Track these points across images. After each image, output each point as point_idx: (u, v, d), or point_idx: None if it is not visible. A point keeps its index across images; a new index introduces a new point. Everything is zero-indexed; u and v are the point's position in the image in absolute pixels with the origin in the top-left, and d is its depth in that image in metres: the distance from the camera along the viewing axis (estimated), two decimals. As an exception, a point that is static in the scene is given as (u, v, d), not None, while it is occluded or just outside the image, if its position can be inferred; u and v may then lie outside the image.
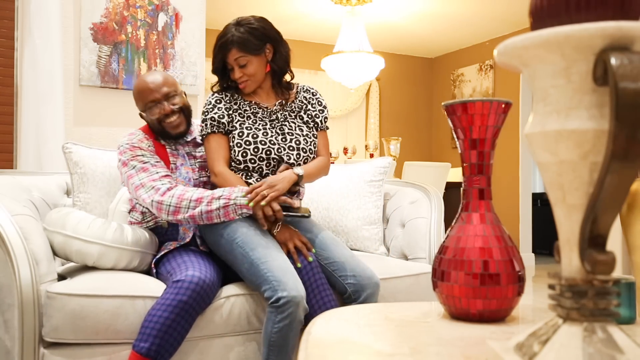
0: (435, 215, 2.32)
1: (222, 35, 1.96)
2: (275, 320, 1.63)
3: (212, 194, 1.81)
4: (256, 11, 6.85)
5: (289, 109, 2.05)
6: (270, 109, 2.02)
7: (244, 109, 1.99)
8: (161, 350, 1.57)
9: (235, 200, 1.78)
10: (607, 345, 0.66)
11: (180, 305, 1.59)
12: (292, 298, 1.61)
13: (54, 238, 1.81)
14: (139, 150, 1.94)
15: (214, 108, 1.97)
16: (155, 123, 1.98)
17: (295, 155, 1.96)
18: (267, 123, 1.98)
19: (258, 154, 1.92)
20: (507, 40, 0.70)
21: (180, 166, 2.00)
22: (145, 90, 1.96)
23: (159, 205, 1.82)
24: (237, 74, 1.95)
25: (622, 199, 0.65)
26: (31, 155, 2.99)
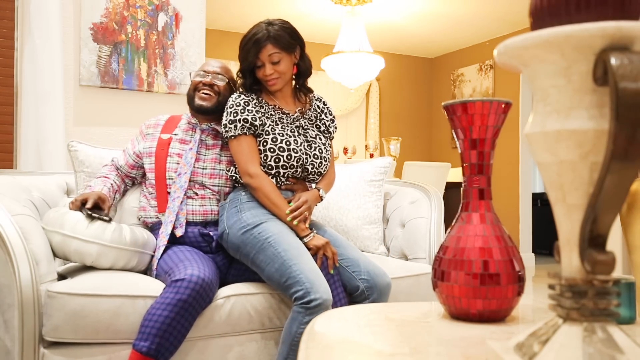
0: (435, 215, 2.32)
1: (255, 33, 1.93)
2: (302, 321, 1.62)
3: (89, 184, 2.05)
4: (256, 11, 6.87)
5: (307, 117, 2.08)
6: (292, 116, 2.03)
7: (270, 113, 1.98)
8: (161, 349, 1.57)
9: None
10: (607, 345, 0.66)
11: (180, 304, 1.59)
12: (323, 302, 1.62)
13: (52, 237, 1.81)
14: (138, 134, 2.19)
15: (244, 110, 1.94)
16: (190, 91, 2.13)
17: (318, 164, 2.01)
18: (293, 130, 1.99)
19: (290, 161, 1.93)
20: (507, 40, 0.70)
21: (187, 150, 2.05)
22: (205, 64, 2.18)
23: None
24: (269, 70, 1.93)
25: (622, 199, 0.65)
26: (31, 155, 2.99)
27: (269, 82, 1.96)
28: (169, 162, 2.04)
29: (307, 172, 1.99)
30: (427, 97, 7.71)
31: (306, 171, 1.99)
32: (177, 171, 2.02)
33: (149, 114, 3.31)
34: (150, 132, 2.14)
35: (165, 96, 3.40)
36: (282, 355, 1.67)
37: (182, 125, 2.14)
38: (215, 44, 6.27)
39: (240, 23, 6.32)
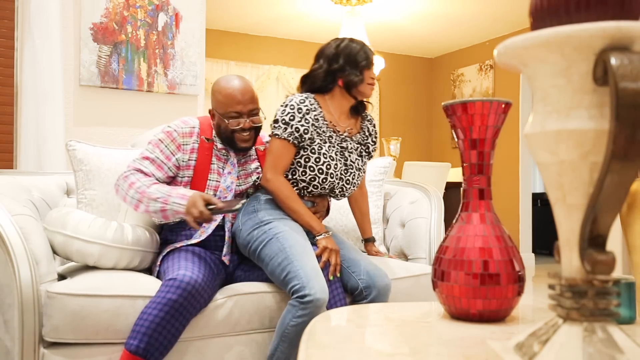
0: (435, 215, 2.32)
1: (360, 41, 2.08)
2: (294, 314, 1.67)
3: (150, 194, 1.82)
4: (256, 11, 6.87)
5: (354, 139, 2.11)
6: (341, 135, 2.06)
7: (323, 129, 2.00)
8: (151, 348, 1.56)
9: (171, 206, 1.80)
10: (607, 345, 0.66)
11: (170, 303, 1.59)
12: (316, 300, 1.66)
13: (54, 238, 1.81)
14: (168, 141, 1.94)
15: (302, 119, 1.95)
16: (227, 132, 1.95)
17: (347, 189, 2.07)
18: (337, 152, 2.03)
19: (323, 184, 1.99)
20: (507, 40, 0.70)
21: (227, 174, 1.98)
22: (233, 99, 1.94)
23: (116, 184, 1.91)
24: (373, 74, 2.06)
25: (622, 199, 0.65)
26: (31, 155, 2.99)
27: (371, 85, 2.04)
28: (209, 180, 1.97)
29: (334, 194, 2.06)
30: (427, 97, 7.71)
31: (333, 193, 2.06)
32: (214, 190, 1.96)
33: (149, 114, 3.32)
34: (185, 143, 1.97)
35: (165, 96, 3.40)
36: (273, 345, 1.72)
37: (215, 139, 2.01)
38: (215, 44, 6.27)
39: (240, 23, 6.32)
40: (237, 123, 1.93)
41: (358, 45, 2.04)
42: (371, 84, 2.03)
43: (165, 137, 1.95)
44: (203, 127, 2.01)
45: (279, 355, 1.71)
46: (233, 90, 1.94)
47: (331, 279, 1.81)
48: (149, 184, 1.86)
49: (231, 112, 1.93)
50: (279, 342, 1.70)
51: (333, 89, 2.04)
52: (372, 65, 2.04)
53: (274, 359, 1.72)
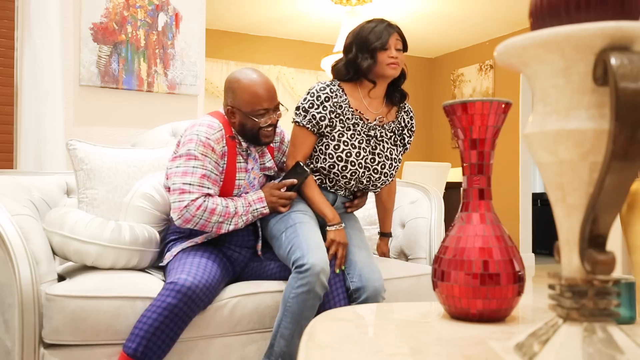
0: (435, 215, 2.32)
1: (384, 20, 2.02)
2: (294, 286, 1.72)
3: (235, 211, 1.86)
4: (256, 11, 6.86)
5: (387, 128, 2.09)
6: (370, 124, 2.04)
7: (347, 117, 1.99)
8: (148, 352, 1.56)
9: (254, 213, 1.90)
10: (607, 345, 0.66)
11: (169, 307, 1.59)
12: (313, 266, 1.70)
13: (52, 238, 1.81)
14: (210, 153, 1.85)
15: (320, 105, 1.96)
16: (254, 130, 1.91)
17: (376, 179, 2.05)
18: (363, 140, 2.01)
19: (344, 172, 1.98)
20: (507, 40, 0.70)
21: (250, 170, 1.98)
22: (261, 97, 1.89)
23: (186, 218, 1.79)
24: (395, 52, 1.98)
25: (622, 199, 0.65)
26: (31, 155, 2.99)
27: (391, 65, 1.98)
28: (237, 179, 1.94)
29: (361, 183, 2.04)
30: (427, 97, 7.71)
31: (360, 183, 2.04)
32: (240, 188, 1.95)
33: (149, 114, 3.32)
34: (221, 149, 1.89)
35: (165, 96, 3.40)
36: (277, 320, 1.76)
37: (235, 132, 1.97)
38: (215, 44, 6.27)
39: (240, 23, 6.32)
40: (266, 120, 1.90)
41: (371, 25, 2.00)
42: (390, 64, 1.97)
43: (206, 150, 1.85)
44: (226, 128, 1.94)
45: (282, 330, 1.73)
46: (258, 88, 1.89)
47: (337, 272, 1.83)
48: (225, 203, 1.85)
49: (259, 110, 1.89)
50: (282, 317, 1.74)
51: (359, 78, 2.03)
52: (387, 44, 1.97)
53: (278, 335, 1.74)
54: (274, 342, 1.75)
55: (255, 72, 1.94)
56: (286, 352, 1.73)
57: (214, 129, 1.89)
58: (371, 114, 2.06)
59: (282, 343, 1.73)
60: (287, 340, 1.73)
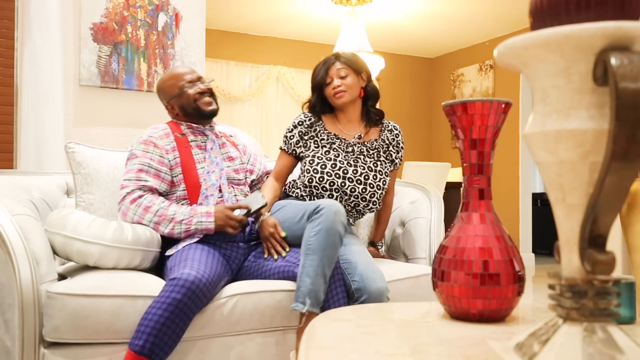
0: (435, 215, 2.32)
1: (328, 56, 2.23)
2: (312, 227, 1.79)
3: (173, 215, 1.90)
4: (256, 11, 6.85)
5: (368, 146, 2.20)
6: (348, 141, 2.18)
7: (322, 137, 2.18)
8: (155, 348, 1.56)
9: (196, 225, 1.90)
10: (607, 345, 0.66)
11: (174, 303, 1.59)
12: (327, 206, 1.80)
13: (54, 239, 1.81)
14: (152, 148, 2.00)
15: (293, 129, 2.21)
16: (190, 102, 2.09)
17: (361, 189, 2.12)
18: (340, 154, 2.15)
19: (322, 183, 2.09)
20: (507, 40, 0.70)
21: (209, 150, 2.08)
22: (178, 75, 2.13)
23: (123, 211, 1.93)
24: (336, 82, 2.14)
25: (622, 199, 0.65)
26: (31, 155, 2.99)
27: (336, 95, 2.14)
28: (199, 169, 2.03)
29: (347, 196, 2.11)
30: (427, 97, 7.71)
31: (346, 195, 2.11)
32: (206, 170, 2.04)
33: (149, 114, 3.32)
34: (166, 144, 2.03)
35: (165, 96, 3.40)
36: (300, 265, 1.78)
37: (186, 131, 2.11)
38: (215, 44, 6.27)
39: (240, 23, 6.32)
40: (194, 90, 2.09)
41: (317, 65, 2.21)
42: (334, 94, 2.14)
43: (148, 147, 2.01)
44: (173, 127, 2.11)
45: (306, 269, 1.75)
46: (171, 72, 2.15)
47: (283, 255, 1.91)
48: (166, 205, 1.92)
49: (185, 84, 2.10)
50: (305, 258, 1.77)
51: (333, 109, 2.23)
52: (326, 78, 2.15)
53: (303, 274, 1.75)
54: (300, 284, 1.74)
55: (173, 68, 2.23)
56: (312, 289, 1.73)
57: (157, 129, 2.08)
58: (348, 135, 2.21)
59: (307, 282, 1.73)
60: (312, 277, 1.73)
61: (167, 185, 2.00)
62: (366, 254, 2.01)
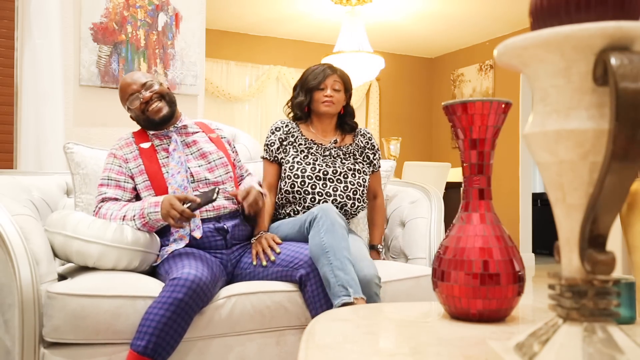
0: (435, 215, 2.32)
1: (325, 64, 2.31)
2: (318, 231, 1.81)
3: (125, 214, 1.89)
4: (256, 11, 6.84)
5: (344, 150, 2.29)
6: (325, 146, 2.26)
7: (299, 143, 2.25)
8: (158, 348, 1.56)
9: (148, 217, 1.86)
10: (607, 345, 0.66)
11: (176, 302, 1.59)
12: (320, 209, 1.87)
13: (54, 239, 1.81)
14: (112, 159, 2.03)
15: (271, 136, 2.26)
16: (139, 114, 2.05)
17: (343, 188, 2.19)
18: (318, 158, 2.22)
19: (304, 187, 2.16)
20: (507, 40, 0.70)
21: (172, 151, 2.03)
22: (124, 86, 2.06)
23: None
24: (330, 92, 2.24)
25: (622, 199, 0.65)
26: (31, 155, 2.99)
27: (325, 103, 2.23)
28: (166, 174, 2.00)
29: (331, 196, 2.17)
30: (427, 97, 7.71)
31: (330, 196, 2.17)
32: (170, 173, 2.00)
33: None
34: (127, 153, 2.04)
35: (165, 96, 3.40)
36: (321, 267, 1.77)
37: (152, 139, 2.08)
38: (215, 44, 6.27)
39: (240, 23, 6.32)
40: (138, 101, 2.03)
41: (313, 68, 2.30)
42: (325, 102, 2.23)
43: (109, 159, 2.04)
44: (137, 136, 2.09)
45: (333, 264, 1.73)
46: (122, 81, 2.09)
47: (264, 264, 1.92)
48: (120, 207, 1.92)
49: (129, 97, 2.05)
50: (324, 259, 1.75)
51: (304, 115, 2.30)
52: (322, 84, 2.23)
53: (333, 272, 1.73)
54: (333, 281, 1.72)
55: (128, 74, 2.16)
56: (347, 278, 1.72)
57: (122, 139, 2.09)
58: (324, 140, 2.29)
59: (340, 275, 1.73)
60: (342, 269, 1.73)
61: (129, 194, 2.00)
62: (357, 246, 2.02)
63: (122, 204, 1.94)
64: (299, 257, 1.87)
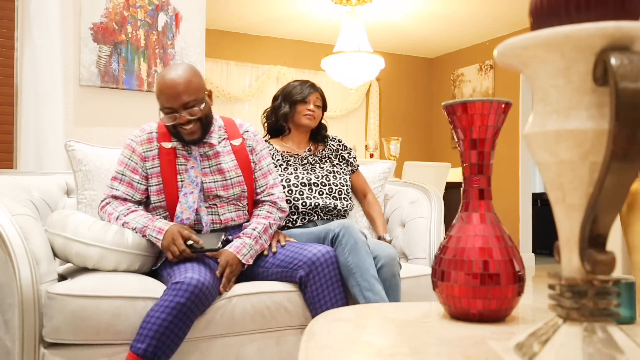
0: (435, 215, 2.32)
1: (306, 80, 2.46)
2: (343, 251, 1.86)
3: (127, 221, 1.87)
4: (256, 11, 6.84)
5: (319, 156, 2.41)
6: (301, 155, 2.38)
7: (277, 158, 2.34)
8: (158, 351, 1.56)
9: (149, 237, 1.84)
10: (607, 345, 0.66)
11: (178, 307, 1.59)
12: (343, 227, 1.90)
13: (54, 240, 1.80)
14: (130, 154, 1.95)
15: None
16: (170, 127, 1.91)
17: (327, 190, 2.30)
18: (298, 167, 2.34)
19: (292, 195, 2.24)
20: (507, 40, 0.70)
21: (190, 169, 1.94)
22: (163, 94, 1.85)
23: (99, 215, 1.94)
24: (313, 107, 2.38)
25: (622, 199, 0.65)
26: (31, 155, 2.99)
27: (308, 116, 2.37)
28: (179, 181, 1.93)
29: (321, 198, 2.25)
30: (427, 97, 7.71)
31: (319, 198, 2.25)
32: (183, 191, 1.92)
33: (149, 113, 3.31)
34: (147, 150, 1.95)
35: (165, 96, 3.40)
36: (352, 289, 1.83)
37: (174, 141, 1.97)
38: (215, 44, 6.26)
39: (240, 23, 6.32)
40: (171, 119, 1.87)
41: (297, 84, 2.43)
42: (307, 114, 2.36)
43: (127, 152, 1.96)
44: (160, 132, 1.97)
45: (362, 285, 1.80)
46: (163, 85, 1.85)
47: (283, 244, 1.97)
48: (126, 211, 1.90)
49: (165, 109, 1.87)
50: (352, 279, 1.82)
51: (281, 126, 2.41)
52: (307, 99, 2.36)
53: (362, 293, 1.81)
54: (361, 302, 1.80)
55: (173, 69, 1.88)
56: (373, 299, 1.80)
57: (144, 131, 1.99)
58: (299, 151, 2.40)
59: (369, 295, 1.80)
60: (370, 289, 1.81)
61: (140, 195, 1.94)
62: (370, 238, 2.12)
63: (129, 208, 1.91)
64: (299, 258, 1.86)
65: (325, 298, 1.80)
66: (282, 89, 2.45)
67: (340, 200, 2.29)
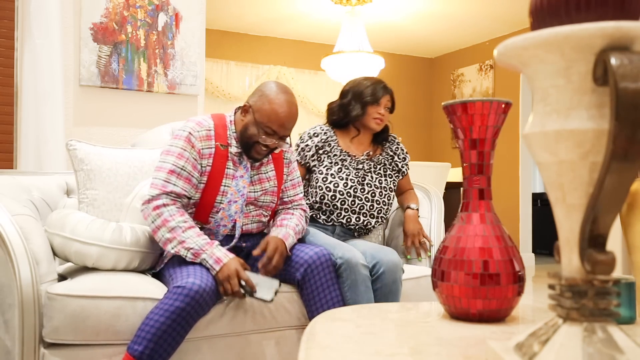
0: (435, 215, 2.32)
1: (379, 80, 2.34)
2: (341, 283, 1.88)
3: (183, 240, 1.75)
4: (256, 11, 6.84)
5: (375, 161, 2.34)
6: (358, 159, 2.30)
7: (334, 153, 2.27)
8: (154, 354, 1.56)
9: (202, 261, 1.74)
10: (607, 345, 0.66)
11: (177, 311, 1.59)
12: (343, 261, 1.87)
13: (53, 240, 1.80)
14: (190, 148, 1.84)
15: (308, 139, 2.29)
16: (250, 138, 1.86)
17: (369, 207, 2.26)
18: (351, 172, 2.26)
19: (333, 201, 2.21)
20: (507, 40, 0.70)
21: (239, 177, 1.91)
22: (278, 119, 1.83)
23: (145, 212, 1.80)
24: (383, 110, 2.28)
25: (622, 199, 0.65)
26: (31, 155, 2.99)
27: (377, 120, 2.27)
28: (223, 185, 1.89)
29: (355, 213, 2.24)
30: (427, 97, 7.71)
31: (354, 213, 2.23)
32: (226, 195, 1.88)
33: (149, 114, 3.32)
34: (204, 147, 1.87)
35: (165, 96, 3.40)
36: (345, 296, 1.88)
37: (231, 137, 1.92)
38: (215, 44, 6.27)
39: (240, 23, 6.32)
40: (265, 139, 1.85)
41: (368, 83, 2.30)
42: (376, 118, 2.26)
43: (186, 145, 1.84)
44: (218, 131, 1.91)
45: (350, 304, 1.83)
46: (282, 112, 1.84)
47: None
48: (185, 226, 1.76)
49: (268, 128, 1.84)
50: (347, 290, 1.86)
51: (347, 123, 2.30)
52: (379, 101, 2.26)
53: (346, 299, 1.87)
54: None
55: (288, 95, 1.89)
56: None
57: (202, 126, 1.89)
58: (358, 152, 2.32)
59: None
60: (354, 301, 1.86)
61: (194, 191, 1.87)
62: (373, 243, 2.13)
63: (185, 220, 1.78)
64: (295, 260, 1.86)
65: (322, 300, 1.80)
66: (351, 86, 2.31)
67: (376, 218, 2.28)
